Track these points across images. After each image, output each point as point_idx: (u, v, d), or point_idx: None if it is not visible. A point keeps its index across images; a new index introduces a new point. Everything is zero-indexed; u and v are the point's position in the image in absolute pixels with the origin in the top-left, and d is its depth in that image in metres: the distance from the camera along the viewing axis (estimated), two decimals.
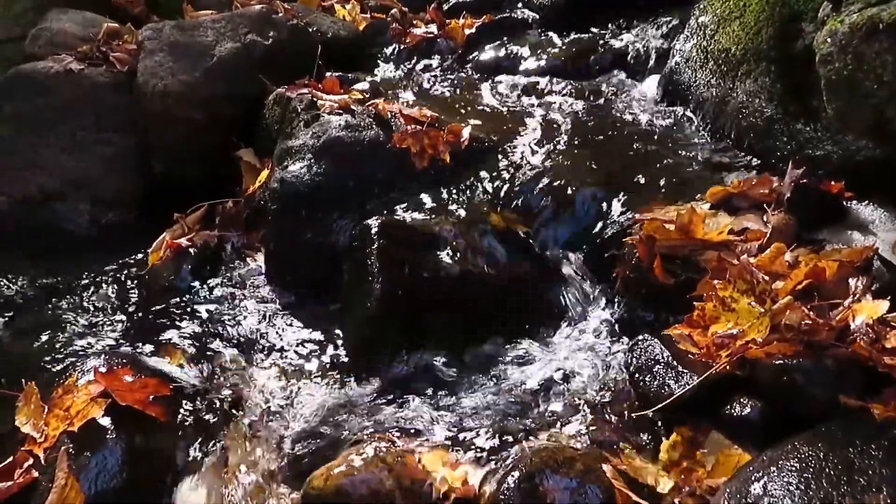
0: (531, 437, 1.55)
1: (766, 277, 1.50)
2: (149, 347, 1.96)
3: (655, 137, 2.37)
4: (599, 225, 2.01)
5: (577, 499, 1.34)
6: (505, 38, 3.30)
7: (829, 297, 1.47)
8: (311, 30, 3.19)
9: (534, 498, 1.34)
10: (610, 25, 3.16)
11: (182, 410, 1.68)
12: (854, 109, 1.83)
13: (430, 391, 1.78)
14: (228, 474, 1.59)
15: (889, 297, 1.40)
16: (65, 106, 2.87)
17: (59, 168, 2.81)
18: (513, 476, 1.38)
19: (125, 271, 2.49)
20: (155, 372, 1.73)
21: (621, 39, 2.99)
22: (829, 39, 1.81)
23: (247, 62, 2.85)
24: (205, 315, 2.16)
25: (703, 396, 1.46)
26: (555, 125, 2.48)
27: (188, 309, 2.20)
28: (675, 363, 1.53)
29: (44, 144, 2.82)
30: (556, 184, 2.14)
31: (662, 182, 2.09)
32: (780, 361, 1.40)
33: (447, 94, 2.86)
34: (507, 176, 2.24)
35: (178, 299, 2.25)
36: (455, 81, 2.96)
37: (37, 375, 1.79)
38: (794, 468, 1.17)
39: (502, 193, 2.20)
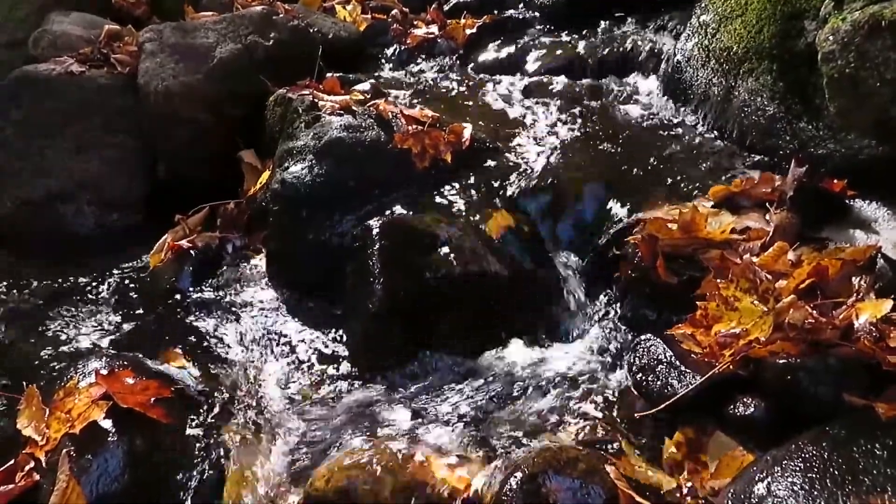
0: (534, 438, 1.55)
1: (769, 276, 1.49)
2: (150, 349, 1.95)
3: (657, 136, 2.37)
4: (602, 224, 2.01)
5: (579, 500, 1.33)
6: (506, 38, 3.30)
7: (833, 296, 1.47)
8: (312, 31, 3.19)
9: (536, 499, 1.33)
10: (611, 25, 3.16)
11: (184, 412, 1.67)
12: (856, 107, 1.82)
13: (432, 392, 1.77)
14: (230, 476, 1.59)
15: (893, 296, 1.40)
16: (73, 108, 2.87)
17: (65, 170, 2.81)
18: (515, 477, 1.37)
19: (128, 273, 2.50)
20: (156, 374, 1.72)
21: (622, 39, 2.99)
22: (831, 37, 1.80)
23: (248, 63, 2.85)
24: (206, 317, 2.15)
25: (706, 396, 1.46)
26: (556, 125, 2.48)
27: (190, 311, 2.20)
28: (678, 363, 1.53)
29: (50, 147, 2.82)
30: (558, 183, 2.14)
31: (665, 181, 2.09)
32: (784, 361, 1.40)
33: (448, 94, 2.85)
34: (508, 176, 2.23)
35: (179, 301, 2.25)
36: (456, 82, 2.96)
37: (38, 378, 1.79)
38: (798, 468, 1.17)
39: (504, 193, 2.19)
